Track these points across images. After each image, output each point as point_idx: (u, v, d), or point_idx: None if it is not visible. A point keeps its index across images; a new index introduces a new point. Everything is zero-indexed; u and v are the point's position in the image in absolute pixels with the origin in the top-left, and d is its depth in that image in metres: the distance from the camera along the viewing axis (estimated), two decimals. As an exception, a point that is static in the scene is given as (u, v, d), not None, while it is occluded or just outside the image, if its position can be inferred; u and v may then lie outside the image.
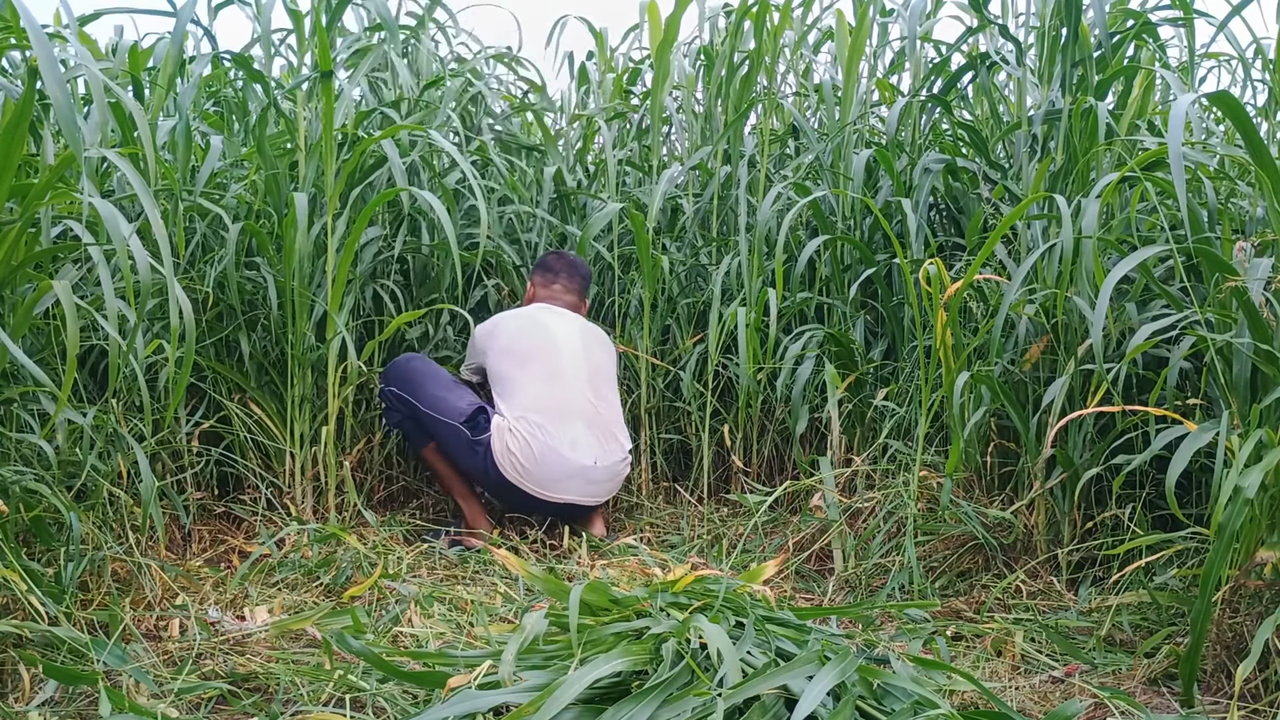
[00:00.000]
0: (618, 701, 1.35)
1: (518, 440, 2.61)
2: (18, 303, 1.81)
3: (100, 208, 1.58)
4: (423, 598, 2.04)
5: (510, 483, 2.62)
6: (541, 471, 2.61)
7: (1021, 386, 2.30)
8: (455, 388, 2.73)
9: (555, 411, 2.66)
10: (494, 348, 2.76)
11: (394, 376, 2.71)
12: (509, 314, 2.89)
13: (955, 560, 2.27)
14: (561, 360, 2.75)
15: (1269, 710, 1.57)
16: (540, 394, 2.68)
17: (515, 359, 2.73)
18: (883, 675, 1.47)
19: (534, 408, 2.65)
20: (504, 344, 2.76)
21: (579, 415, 2.69)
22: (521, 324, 2.82)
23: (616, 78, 3.76)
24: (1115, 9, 2.55)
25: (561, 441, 2.63)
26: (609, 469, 2.70)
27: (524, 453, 2.61)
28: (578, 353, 2.79)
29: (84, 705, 1.55)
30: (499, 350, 2.75)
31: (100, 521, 1.98)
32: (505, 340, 2.77)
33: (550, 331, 2.80)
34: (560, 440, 2.63)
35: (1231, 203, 2.33)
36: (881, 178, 2.94)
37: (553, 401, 2.68)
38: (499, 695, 1.42)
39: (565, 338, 2.80)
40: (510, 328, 2.80)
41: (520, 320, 2.83)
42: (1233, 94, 2.09)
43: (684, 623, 1.55)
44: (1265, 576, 1.62)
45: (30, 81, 1.56)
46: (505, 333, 2.79)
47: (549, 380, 2.71)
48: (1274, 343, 1.73)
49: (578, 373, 2.76)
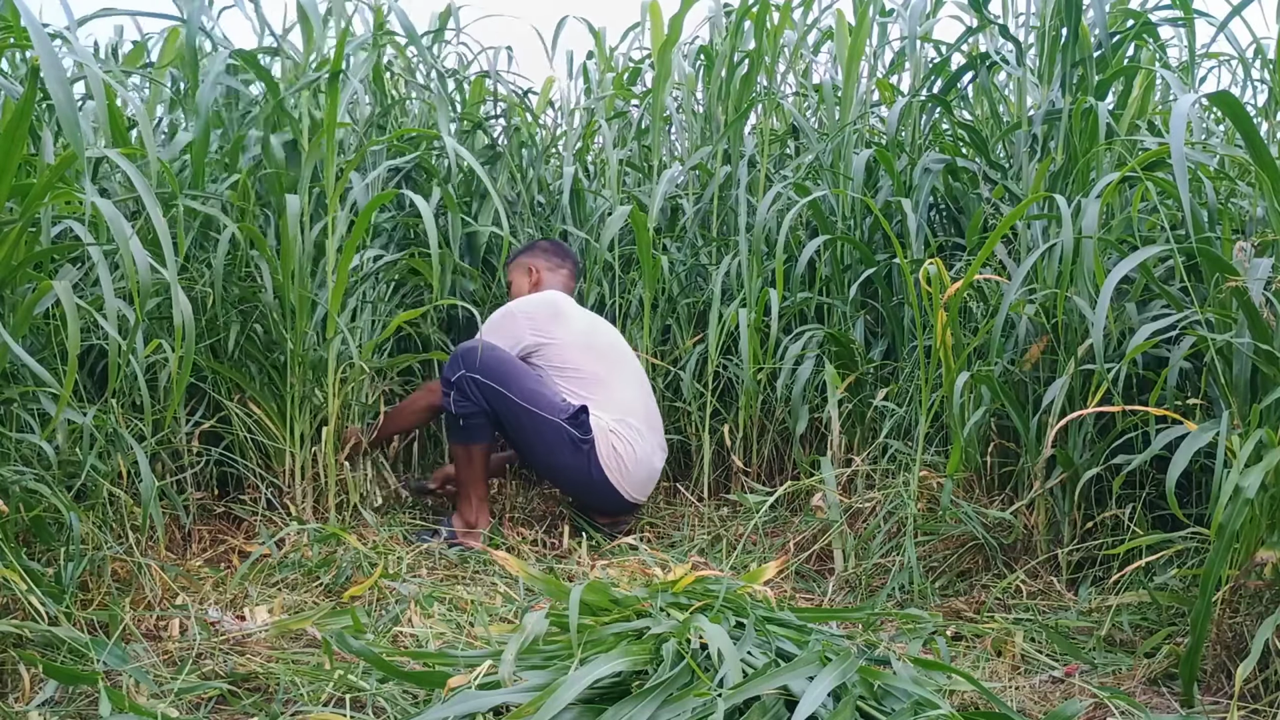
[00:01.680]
0: (618, 701, 1.35)
1: (623, 443, 2.64)
2: (17, 303, 1.81)
3: (101, 207, 1.58)
4: (423, 598, 2.04)
5: (611, 484, 2.64)
6: (638, 474, 2.69)
7: (1021, 386, 2.30)
8: (544, 383, 2.66)
9: (648, 417, 2.75)
10: (566, 338, 2.70)
11: (481, 364, 2.57)
12: (548, 294, 2.81)
13: (955, 560, 2.27)
14: (636, 363, 2.82)
15: (1269, 710, 1.57)
16: (635, 399, 2.73)
17: (601, 357, 2.72)
18: (883, 676, 1.47)
19: (633, 412, 2.69)
20: (583, 339, 2.72)
21: (657, 423, 2.81)
22: (586, 317, 2.80)
23: (616, 77, 3.76)
24: (1115, 9, 2.55)
25: (653, 447, 2.73)
26: (659, 472, 2.83)
27: (629, 456, 2.64)
28: (631, 352, 2.87)
29: (84, 705, 1.54)
30: (576, 343, 2.71)
31: (100, 521, 1.98)
32: (583, 335, 2.73)
33: (604, 327, 2.83)
34: (652, 445, 2.73)
35: (1231, 203, 2.33)
36: (881, 178, 2.94)
37: (647, 408, 2.76)
38: (499, 695, 1.42)
39: (615, 334, 2.86)
40: (579, 319, 2.77)
41: (579, 311, 2.80)
42: (1233, 94, 2.09)
43: (684, 623, 1.55)
44: (1265, 576, 1.62)
45: (31, 81, 1.56)
46: (576, 323, 2.74)
47: (639, 385, 2.78)
48: (1274, 343, 1.73)
49: (643, 375, 2.84)
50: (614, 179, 3.19)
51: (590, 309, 3.13)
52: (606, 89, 3.72)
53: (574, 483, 2.70)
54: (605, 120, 3.46)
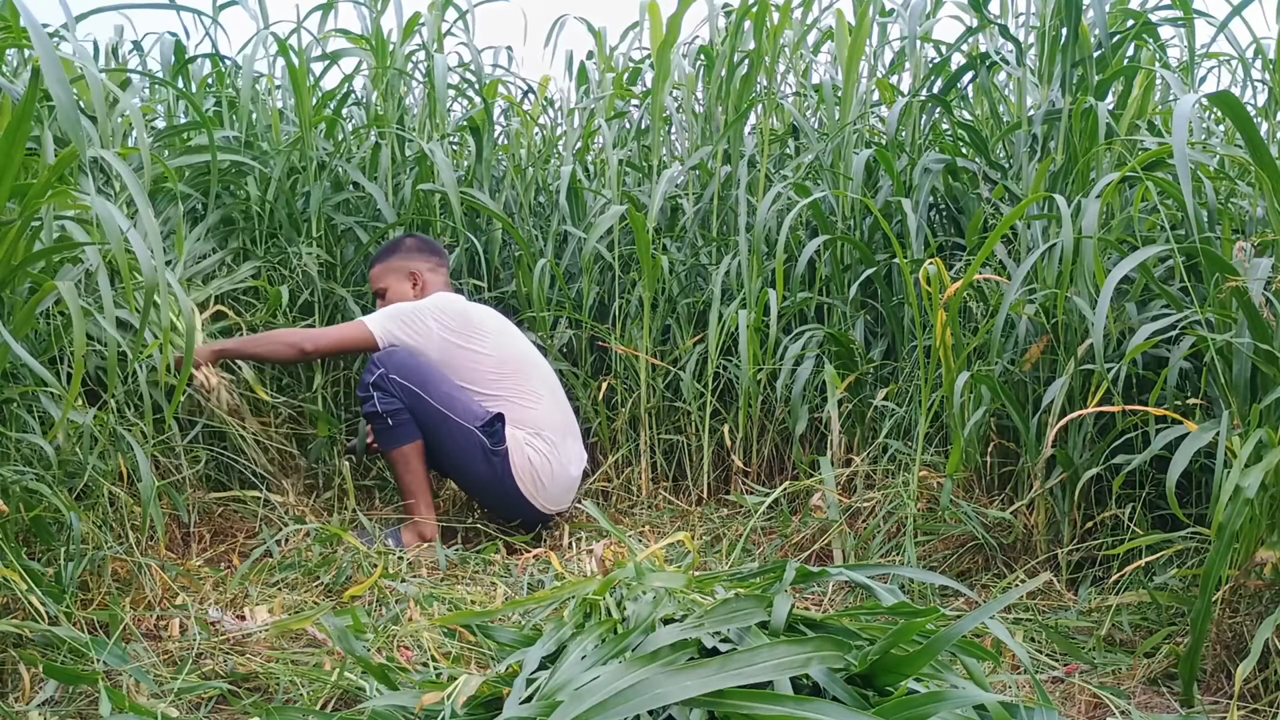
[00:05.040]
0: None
1: (539, 456, 2.60)
2: (17, 303, 1.81)
3: (99, 207, 1.58)
4: (423, 598, 2.04)
5: (523, 495, 2.60)
6: (553, 488, 2.66)
7: (1021, 386, 2.30)
8: (462, 390, 2.63)
9: (563, 429, 2.70)
10: (476, 348, 2.63)
11: (397, 365, 2.56)
12: (455, 300, 2.71)
13: (955, 560, 2.27)
14: (548, 369, 2.77)
15: (1269, 710, 1.57)
16: (550, 409, 2.68)
17: (515, 368, 2.66)
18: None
19: (548, 426, 2.65)
20: (495, 350, 2.65)
21: (575, 429, 2.76)
22: (496, 324, 2.70)
23: (616, 77, 3.76)
24: (1115, 9, 2.55)
25: (570, 459, 2.69)
26: (582, 475, 2.79)
27: (544, 470, 2.61)
28: (540, 354, 2.81)
29: (84, 705, 1.55)
30: (489, 354, 2.64)
31: (100, 521, 1.98)
32: (495, 346, 2.65)
33: (512, 332, 2.75)
34: (569, 458, 2.68)
35: (1231, 203, 2.33)
36: (881, 178, 2.94)
37: (561, 419, 2.71)
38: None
39: (519, 336, 2.77)
40: (491, 329, 2.68)
41: (488, 317, 2.70)
42: (1233, 94, 2.09)
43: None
44: (1265, 576, 1.62)
45: (33, 81, 1.56)
46: (490, 334, 2.66)
47: (551, 394, 2.72)
48: (1274, 343, 1.73)
49: (555, 380, 2.79)
50: (614, 179, 3.19)
51: (589, 308, 3.13)
52: (606, 89, 3.72)
53: (485, 491, 2.65)
54: (605, 120, 3.46)
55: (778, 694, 1.23)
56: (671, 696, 1.21)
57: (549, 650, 1.47)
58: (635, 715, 1.20)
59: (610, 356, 3.14)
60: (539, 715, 1.26)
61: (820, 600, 2.20)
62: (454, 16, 3.45)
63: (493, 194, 3.36)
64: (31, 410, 1.90)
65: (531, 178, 3.44)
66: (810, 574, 1.70)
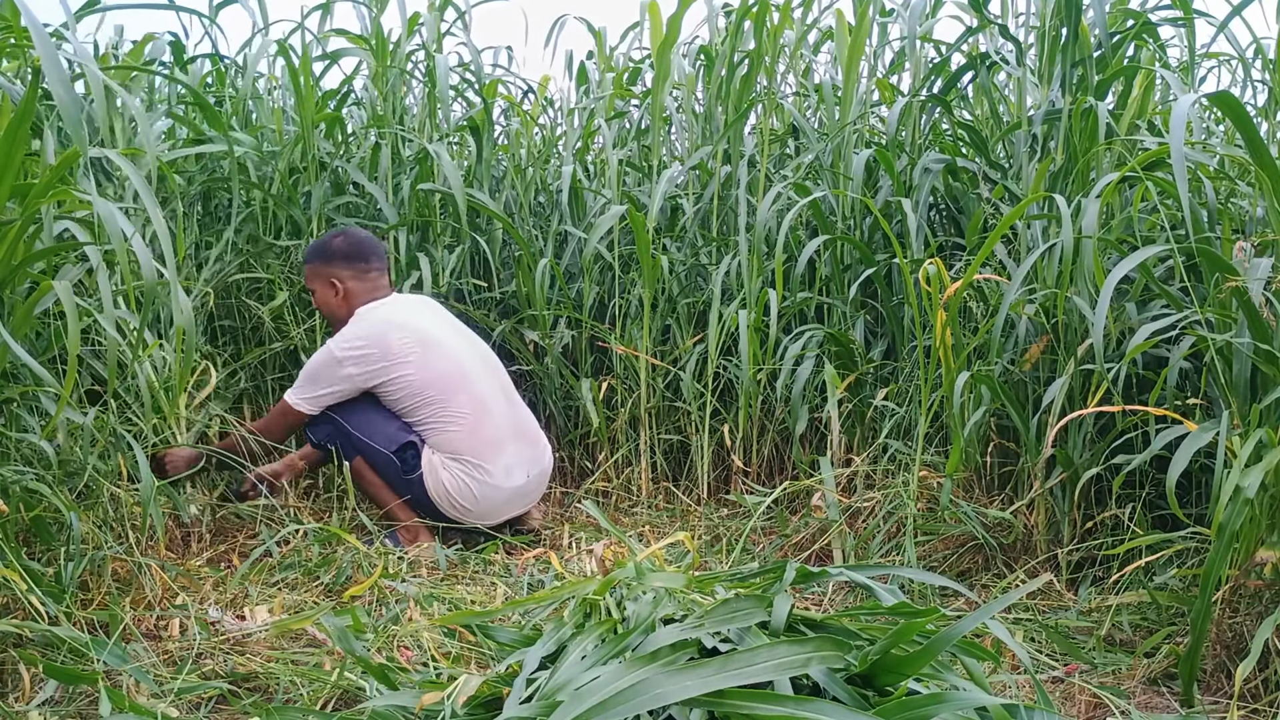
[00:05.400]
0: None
1: (455, 480, 2.53)
2: (17, 303, 1.81)
3: (100, 207, 1.58)
4: (422, 598, 2.05)
5: (448, 516, 2.56)
6: (481, 507, 2.57)
7: (1021, 386, 2.30)
8: (386, 414, 2.57)
9: (487, 448, 2.56)
10: (398, 378, 2.53)
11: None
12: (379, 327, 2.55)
13: (955, 560, 2.27)
14: (475, 383, 2.60)
15: (1269, 710, 1.57)
16: (470, 434, 2.55)
17: (435, 394, 2.54)
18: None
19: (465, 450, 2.54)
20: (416, 374, 2.53)
21: (507, 439, 2.61)
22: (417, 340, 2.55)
23: (616, 77, 3.76)
24: (1115, 9, 2.55)
25: (498, 475, 2.56)
26: (539, 475, 2.69)
27: (463, 494, 2.54)
28: (477, 361, 2.65)
29: (84, 705, 1.55)
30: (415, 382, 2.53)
31: (100, 521, 1.98)
32: (416, 369, 2.53)
33: (443, 344, 2.59)
34: (497, 474, 2.56)
35: (1231, 203, 2.33)
36: (881, 178, 2.94)
37: (483, 439, 2.56)
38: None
39: (455, 346, 2.62)
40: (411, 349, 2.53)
41: (405, 334, 2.55)
42: (1233, 94, 2.09)
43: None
44: (1265, 576, 1.62)
45: (34, 81, 1.56)
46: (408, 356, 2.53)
47: (475, 414, 2.57)
48: (1274, 343, 1.73)
49: (491, 389, 2.63)
50: (614, 179, 3.19)
51: (589, 308, 3.13)
52: (606, 89, 3.72)
53: (418, 510, 2.58)
54: (605, 120, 3.46)
55: (778, 694, 1.23)
56: (671, 696, 1.21)
57: (549, 650, 1.48)
58: (635, 715, 1.21)
59: (610, 356, 3.14)
60: (539, 715, 1.26)
61: (820, 600, 2.20)
62: (453, 16, 3.45)
63: (493, 194, 3.36)
64: (32, 410, 1.90)
65: (531, 178, 3.44)
66: (810, 574, 1.70)
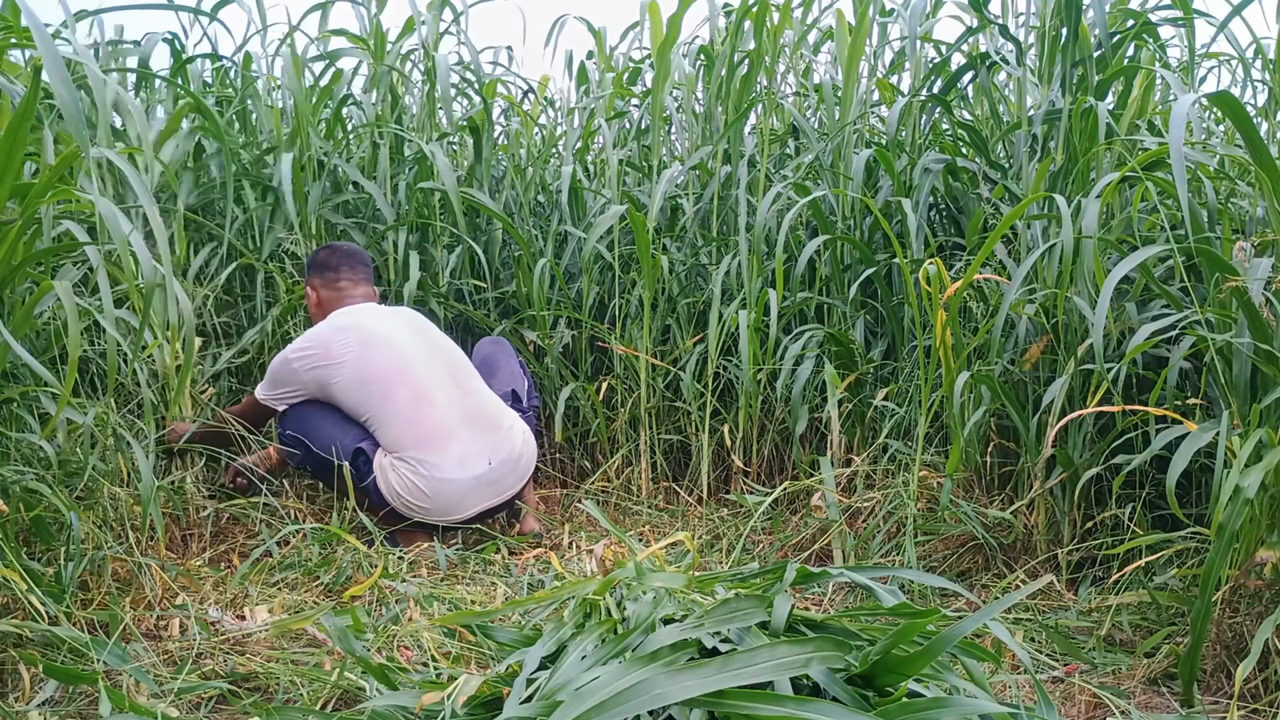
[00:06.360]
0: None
1: (402, 479, 2.50)
2: (17, 303, 1.81)
3: (100, 207, 1.58)
4: (423, 598, 2.04)
5: (409, 517, 2.53)
6: (439, 502, 2.52)
7: (1021, 386, 2.30)
8: (344, 423, 2.57)
9: (431, 440, 2.53)
10: (340, 379, 2.53)
11: (288, 421, 2.60)
12: (324, 330, 2.60)
13: (955, 560, 2.27)
14: (416, 373, 2.57)
15: (1269, 710, 1.57)
16: (410, 427, 2.53)
17: (375, 390, 2.53)
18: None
19: (408, 444, 2.51)
20: (354, 373, 2.53)
21: (456, 427, 2.57)
22: (358, 342, 2.55)
23: (616, 77, 3.76)
24: (1115, 9, 2.55)
25: (448, 466, 2.52)
26: (506, 462, 2.61)
27: (412, 491, 2.51)
28: (423, 352, 2.63)
29: (84, 705, 1.55)
30: (349, 381, 2.53)
31: (100, 521, 1.98)
32: (353, 369, 2.53)
33: (389, 341, 2.58)
34: (446, 466, 2.52)
35: (1231, 203, 2.33)
36: (881, 178, 2.94)
37: (425, 431, 2.53)
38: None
39: (403, 340, 2.61)
40: (349, 350, 2.54)
41: (348, 336, 2.56)
42: (1233, 94, 2.09)
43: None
44: (1265, 576, 1.62)
45: (34, 80, 1.56)
46: (346, 357, 2.53)
47: (415, 405, 2.54)
48: (1274, 343, 1.74)
49: (436, 378, 2.60)
50: (614, 179, 3.19)
51: (589, 308, 3.13)
52: (606, 89, 3.72)
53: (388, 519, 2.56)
54: (605, 120, 3.46)
55: (778, 694, 1.23)
56: (671, 697, 1.21)
57: (549, 650, 1.48)
58: (635, 715, 1.20)
59: (610, 356, 3.14)
60: (539, 715, 1.26)
61: (820, 601, 2.20)
62: (451, 16, 3.45)
63: (492, 194, 3.36)
64: (32, 410, 1.90)
65: (531, 178, 3.44)
66: (811, 575, 1.70)
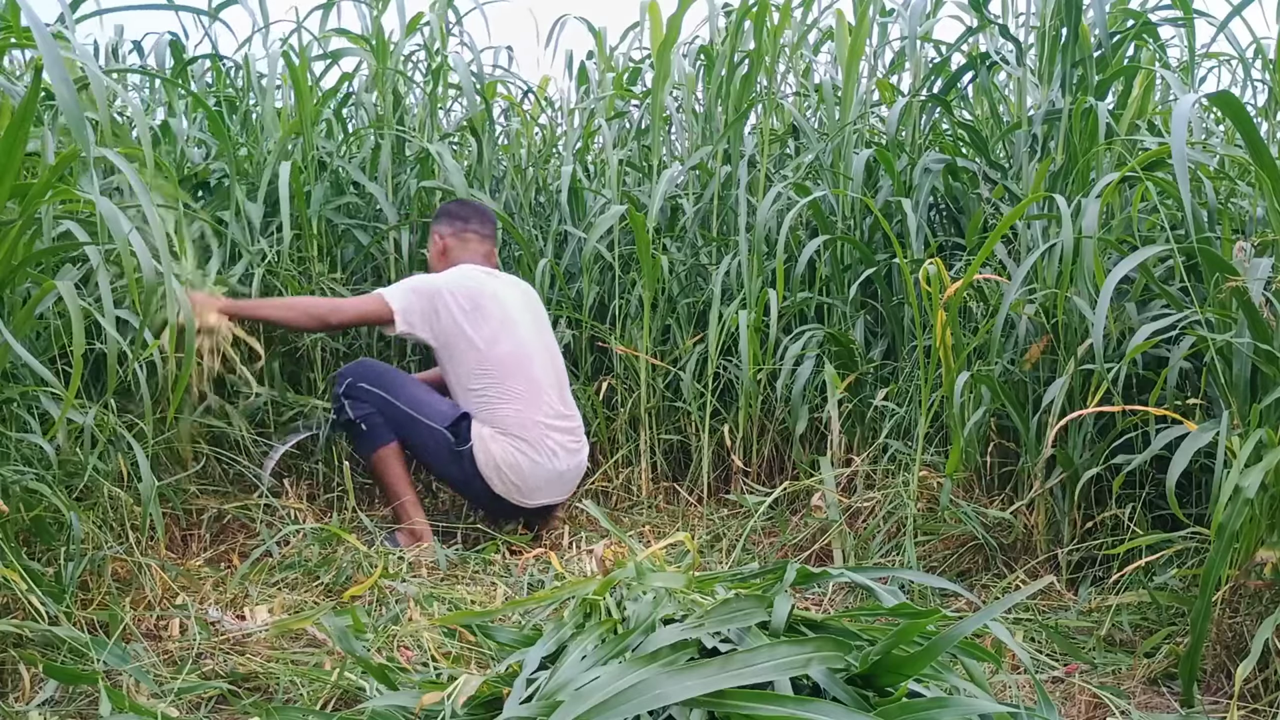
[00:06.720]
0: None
1: (506, 454, 2.58)
2: (17, 303, 1.81)
3: (101, 206, 1.58)
4: (423, 598, 2.04)
5: (495, 492, 2.60)
6: (528, 484, 2.62)
7: (1021, 386, 2.30)
8: (431, 391, 2.66)
9: (536, 429, 2.63)
10: (474, 336, 2.60)
11: (364, 374, 2.62)
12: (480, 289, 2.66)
13: (955, 560, 2.27)
14: (536, 368, 2.67)
15: (1269, 710, 1.57)
16: (525, 411, 2.62)
17: (500, 363, 2.61)
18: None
19: (520, 425, 2.60)
20: (486, 342, 2.61)
21: (557, 422, 2.68)
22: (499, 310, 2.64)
23: (616, 77, 3.76)
24: (1115, 9, 2.55)
25: (544, 453, 2.63)
26: (578, 467, 2.75)
27: (512, 468, 2.58)
28: (541, 348, 2.72)
29: (84, 705, 1.55)
30: (482, 346, 2.60)
31: (100, 521, 1.98)
32: (488, 336, 2.61)
33: (517, 326, 2.67)
34: (544, 452, 2.62)
35: (1231, 203, 2.33)
36: (881, 178, 2.94)
37: (534, 420, 2.63)
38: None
39: (527, 327, 2.70)
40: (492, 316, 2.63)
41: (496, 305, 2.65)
42: (1233, 94, 2.09)
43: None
44: (1265, 576, 1.62)
45: (35, 80, 1.56)
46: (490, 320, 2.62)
47: (533, 393, 2.64)
48: (1274, 343, 1.73)
49: (549, 378, 2.70)
50: (614, 179, 3.19)
51: (589, 308, 3.13)
52: (606, 89, 3.72)
53: (462, 489, 2.68)
54: (605, 120, 3.46)
55: (778, 694, 1.23)
56: (672, 697, 1.21)
57: (549, 650, 1.48)
58: (635, 715, 1.20)
59: (610, 356, 3.14)
60: (539, 715, 1.26)
61: (821, 601, 2.20)
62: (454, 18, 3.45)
63: (493, 194, 3.36)
64: (32, 410, 1.90)
65: (532, 178, 3.44)
66: (811, 575, 1.70)
